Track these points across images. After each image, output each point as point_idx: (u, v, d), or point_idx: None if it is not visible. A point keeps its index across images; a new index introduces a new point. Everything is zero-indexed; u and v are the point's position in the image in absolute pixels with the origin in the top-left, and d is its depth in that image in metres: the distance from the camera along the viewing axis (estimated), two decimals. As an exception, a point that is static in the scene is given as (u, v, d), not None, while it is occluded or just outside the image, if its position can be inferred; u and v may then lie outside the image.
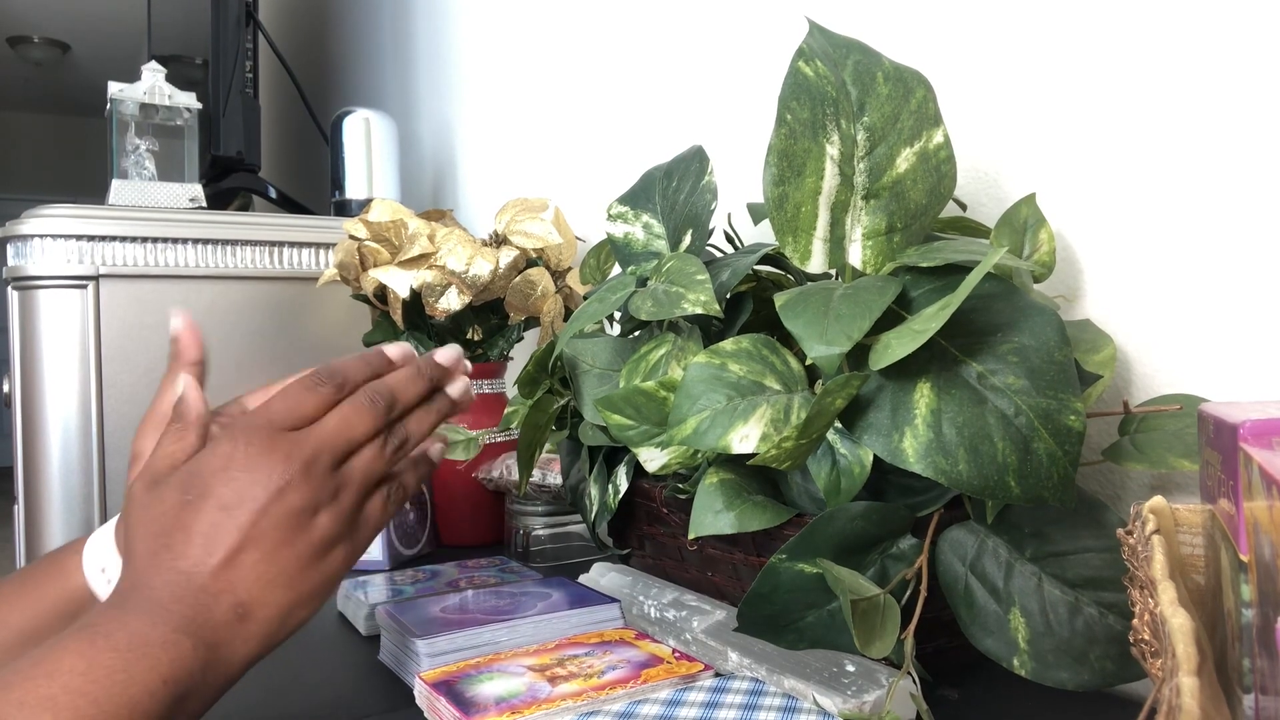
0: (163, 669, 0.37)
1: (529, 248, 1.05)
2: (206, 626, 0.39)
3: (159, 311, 1.27)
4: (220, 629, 0.40)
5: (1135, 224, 0.61)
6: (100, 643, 0.37)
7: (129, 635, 0.37)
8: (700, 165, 0.67)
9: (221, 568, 0.41)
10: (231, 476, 0.42)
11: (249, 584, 0.41)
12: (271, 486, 0.42)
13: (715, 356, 0.53)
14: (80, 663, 0.36)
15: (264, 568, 0.41)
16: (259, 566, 0.41)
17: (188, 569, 0.40)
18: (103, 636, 0.37)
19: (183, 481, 0.42)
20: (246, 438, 0.43)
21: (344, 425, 0.45)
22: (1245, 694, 0.30)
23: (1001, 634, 0.49)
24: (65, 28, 4.40)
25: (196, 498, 0.42)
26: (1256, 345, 0.54)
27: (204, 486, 0.42)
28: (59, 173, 5.86)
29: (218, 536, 0.41)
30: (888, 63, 0.55)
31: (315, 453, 0.43)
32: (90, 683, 0.35)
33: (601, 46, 1.20)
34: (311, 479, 0.43)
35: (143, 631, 0.38)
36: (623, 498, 0.70)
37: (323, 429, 0.44)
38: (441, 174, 1.70)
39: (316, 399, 0.45)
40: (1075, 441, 0.45)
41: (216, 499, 0.41)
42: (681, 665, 0.54)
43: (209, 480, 0.42)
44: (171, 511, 0.42)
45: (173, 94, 1.42)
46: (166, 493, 0.43)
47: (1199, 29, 0.57)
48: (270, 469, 0.42)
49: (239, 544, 0.41)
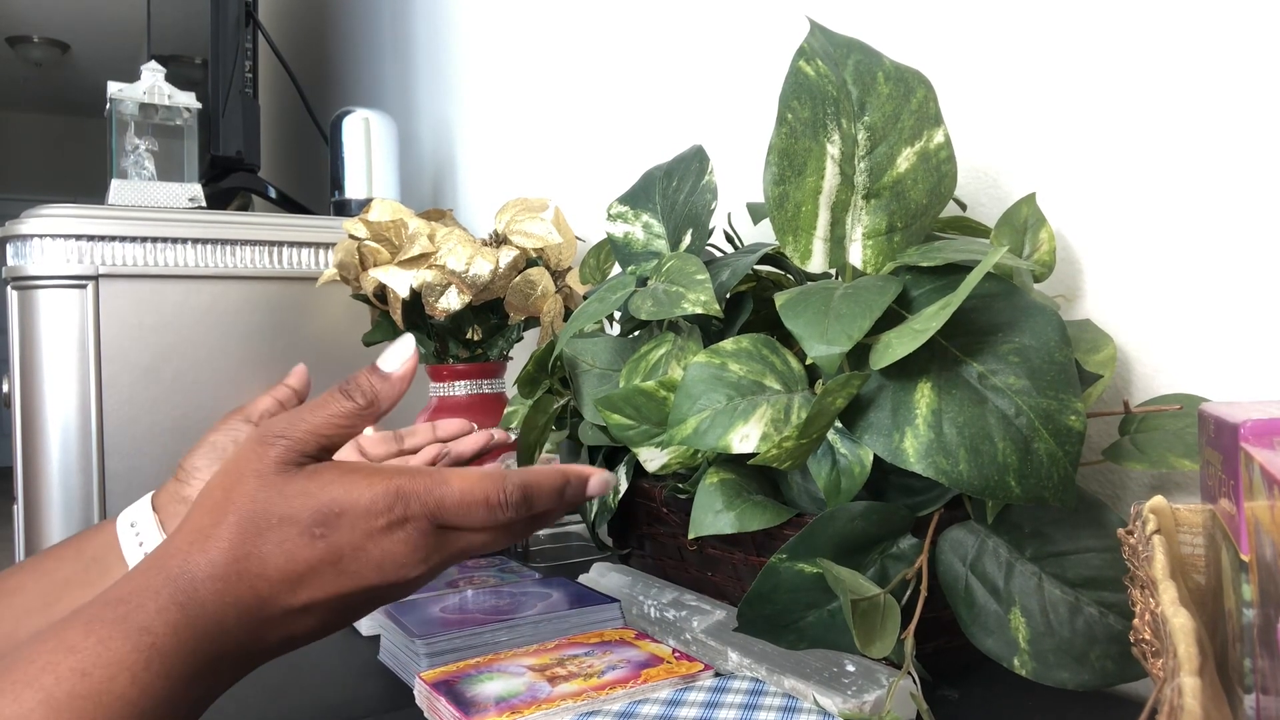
0: (198, 691, 0.37)
1: (529, 247, 1.05)
2: (253, 652, 0.39)
3: (159, 311, 1.27)
4: (262, 655, 0.40)
5: (1135, 224, 0.61)
6: (156, 666, 0.35)
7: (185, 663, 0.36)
8: (700, 165, 0.67)
9: (297, 611, 0.39)
10: (362, 545, 0.39)
11: (308, 627, 0.40)
12: (391, 578, 0.39)
13: (715, 356, 0.53)
14: (132, 689, 0.34)
15: (329, 621, 0.40)
16: (329, 617, 0.40)
17: (268, 597, 0.38)
18: (159, 659, 0.35)
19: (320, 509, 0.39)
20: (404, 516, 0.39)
21: (492, 545, 0.42)
22: (1246, 694, 0.30)
23: (1002, 634, 0.49)
24: (65, 28, 4.40)
25: (320, 539, 0.39)
26: (1256, 345, 0.54)
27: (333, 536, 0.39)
28: (59, 173, 5.86)
29: (311, 583, 0.38)
30: (888, 62, 0.55)
31: (449, 562, 0.41)
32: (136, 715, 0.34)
33: (601, 46, 1.20)
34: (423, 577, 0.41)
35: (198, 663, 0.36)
36: (623, 498, 0.70)
37: (471, 544, 0.41)
38: (441, 174, 1.70)
39: (490, 520, 0.41)
40: (1076, 441, 0.45)
41: (337, 552, 0.39)
42: (681, 665, 0.54)
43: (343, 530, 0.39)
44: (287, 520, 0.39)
45: (172, 94, 1.42)
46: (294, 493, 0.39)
47: (1199, 29, 0.57)
48: (403, 565, 0.39)
49: (325, 601, 0.39)
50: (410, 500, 0.39)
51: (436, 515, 0.40)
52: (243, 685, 0.41)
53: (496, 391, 1.11)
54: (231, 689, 0.40)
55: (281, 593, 0.38)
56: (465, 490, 0.40)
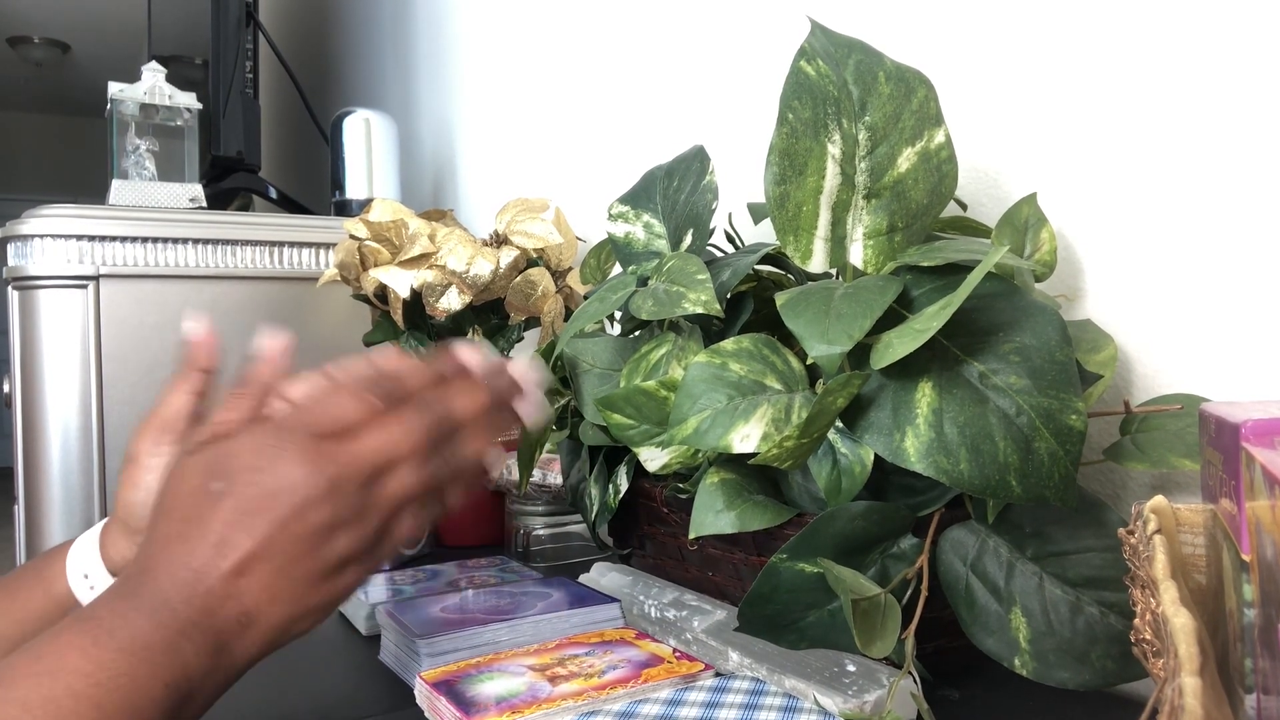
0: (165, 674, 0.37)
1: (529, 248, 1.05)
2: (210, 631, 0.39)
3: (159, 311, 1.27)
4: (223, 634, 0.39)
5: (1136, 224, 0.61)
6: (105, 641, 0.36)
7: (132, 635, 0.37)
8: (701, 165, 0.67)
9: (232, 574, 0.39)
10: (257, 479, 0.40)
11: (256, 594, 0.40)
12: (295, 500, 0.40)
13: (716, 356, 0.53)
14: (85, 663, 0.35)
15: (273, 580, 0.40)
16: (269, 579, 0.40)
17: (198, 567, 0.39)
18: (106, 634, 0.37)
19: (210, 465, 0.41)
20: (280, 438, 0.41)
21: (386, 444, 0.42)
22: (1247, 694, 0.30)
23: (1003, 634, 0.49)
24: (65, 28, 4.40)
25: (220, 491, 0.40)
26: (1256, 345, 0.54)
27: (229, 480, 0.40)
28: (59, 173, 5.86)
29: (232, 540, 0.39)
30: (889, 62, 0.55)
31: (347, 470, 0.41)
32: (93, 686, 0.35)
33: (602, 46, 1.20)
34: (338, 498, 0.40)
35: (147, 633, 0.37)
36: (623, 498, 0.70)
37: (362, 446, 0.41)
38: (441, 174, 1.70)
39: (364, 408, 0.42)
40: (1076, 441, 0.45)
41: (237, 499, 0.40)
42: (682, 665, 0.54)
43: (235, 475, 0.40)
44: (194, 495, 0.41)
45: (173, 94, 1.42)
46: (195, 470, 0.41)
47: (1199, 29, 0.57)
48: (297, 481, 0.40)
49: (252, 553, 0.39)
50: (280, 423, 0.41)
51: (311, 425, 0.41)
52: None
53: (497, 391, 1.11)
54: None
55: (210, 559, 0.39)
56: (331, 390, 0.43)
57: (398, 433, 0.42)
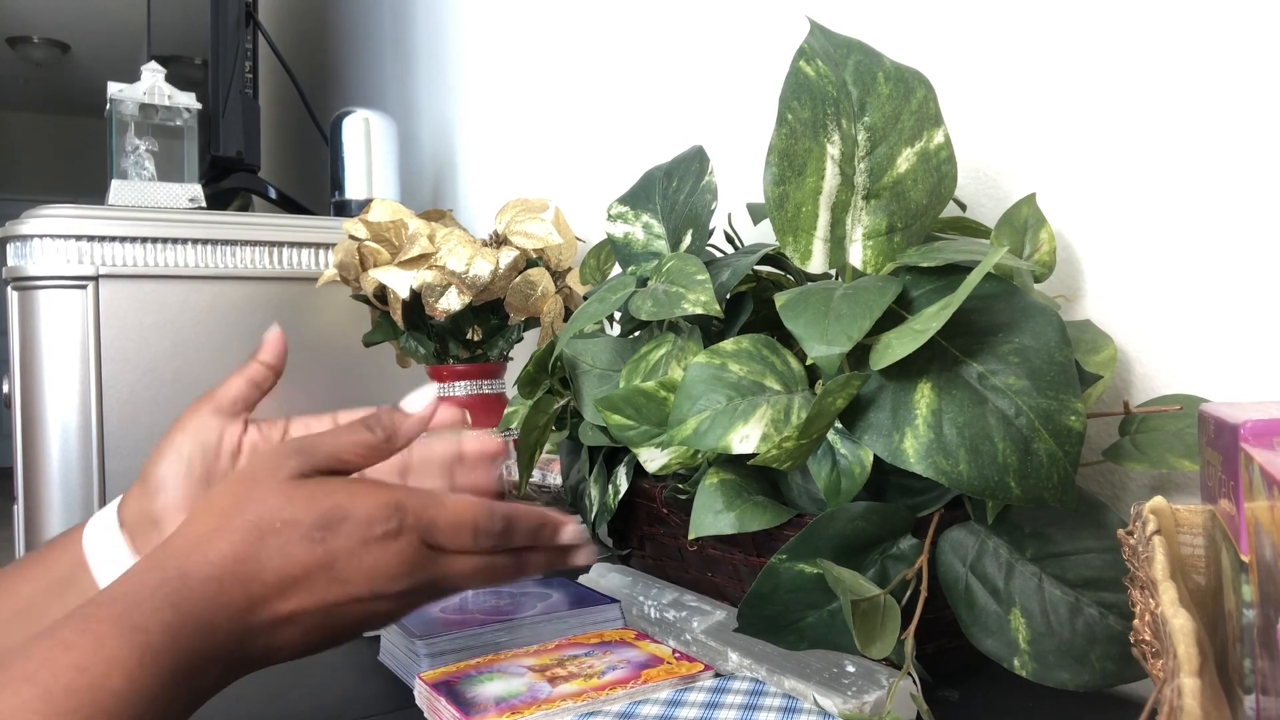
0: (185, 695, 0.37)
1: (529, 248, 1.05)
2: (237, 658, 0.39)
3: (159, 311, 1.27)
4: (246, 664, 0.40)
5: (1135, 224, 0.61)
6: (149, 663, 0.36)
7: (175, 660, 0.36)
8: (700, 165, 0.67)
9: (283, 620, 0.40)
10: (356, 551, 0.40)
11: (291, 640, 0.40)
12: (377, 590, 0.41)
13: (715, 357, 0.53)
14: (125, 686, 0.35)
15: (311, 635, 0.41)
16: (308, 634, 0.41)
17: (257, 599, 0.39)
18: (152, 657, 0.36)
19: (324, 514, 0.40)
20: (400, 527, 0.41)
21: (470, 579, 0.44)
22: (1246, 695, 0.30)
23: (1002, 634, 0.49)
24: (65, 28, 4.40)
25: (319, 543, 0.40)
26: (1256, 345, 0.54)
27: (331, 540, 0.40)
28: (59, 173, 5.86)
29: (302, 589, 0.40)
30: (889, 62, 0.55)
31: (430, 581, 0.42)
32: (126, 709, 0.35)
33: (602, 46, 1.20)
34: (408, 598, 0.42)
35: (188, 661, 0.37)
36: (623, 498, 0.70)
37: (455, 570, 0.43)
38: (441, 174, 1.70)
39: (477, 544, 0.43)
40: (1076, 442, 0.45)
41: (331, 559, 0.40)
42: (681, 665, 0.54)
43: (340, 535, 0.40)
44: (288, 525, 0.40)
45: (172, 94, 1.42)
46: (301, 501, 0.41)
47: (1199, 29, 0.57)
48: (389, 577, 0.41)
49: (310, 611, 0.40)
50: (407, 513, 0.42)
51: (429, 531, 0.42)
52: (243, 685, 0.41)
53: (496, 392, 1.11)
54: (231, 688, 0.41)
55: (272, 597, 0.39)
56: (457, 510, 0.43)
57: (484, 576, 0.45)
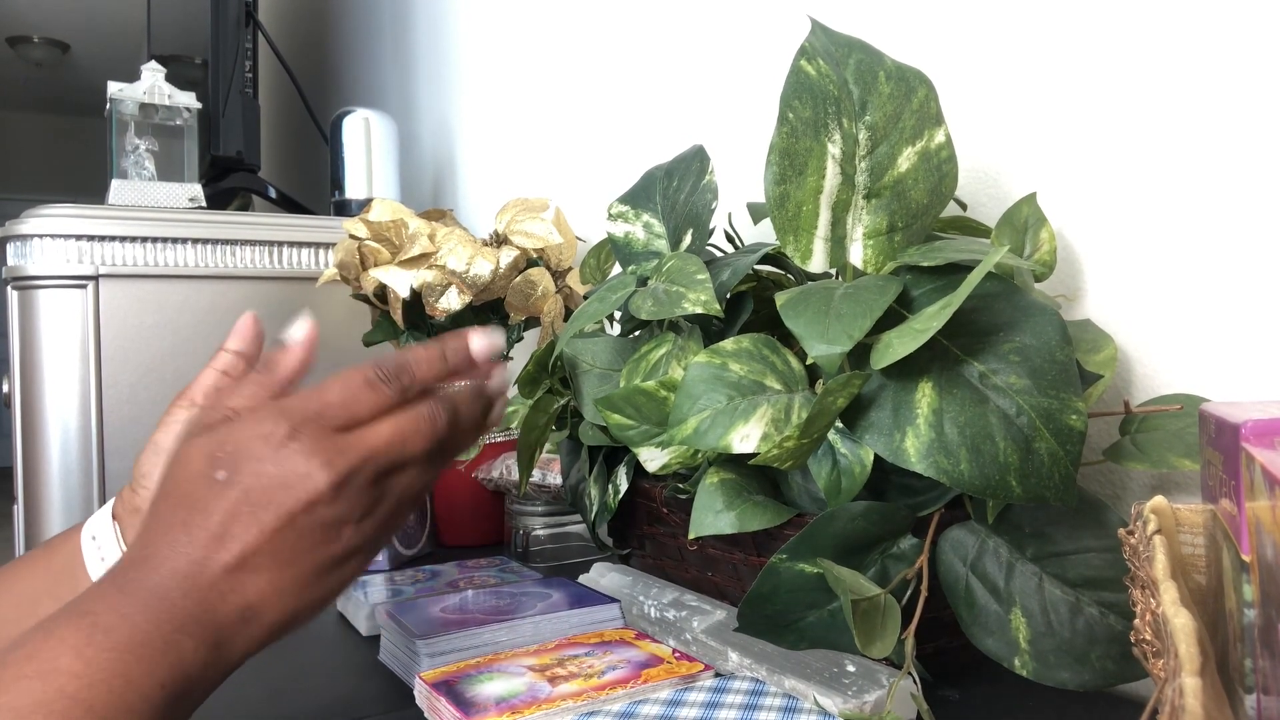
0: (161, 672, 0.36)
1: (529, 248, 1.05)
2: (210, 626, 0.38)
3: (159, 311, 1.27)
4: (224, 629, 0.38)
5: (1136, 224, 0.61)
6: (99, 639, 0.35)
7: (129, 632, 0.36)
8: (701, 165, 0.67)
9: (235, 567, 0.38)
10: (265, 470, 0.39)
11: (260, 588, 0.39)
12: (304, 495, 0.39)
13: (716, 356, 0.53)
14: (77, 663, 0.34)
15: (278, 575, 0.39)
16: (273, 573, 0.39)
17: (199, 558, 0.38)
18: (101, 632, 0.35)
19: (215, 451, 0.40)
20: (292, 427, 0.39)
21: (399, 439, 0.41)
22: (1247, 694, 0.30)
23: (1002, 634, 0.49)
24: (65, 28, 4.40)
25: (225, 479, 0.39)
26: (1256, 345, 0.54)
27: (234, 468, 0.39)
28: (59, 173, 5.86)
29: (236, 532, 0.38)
30: (890, 62, 0.55)
31: (360, 465, 0.40)
32: (86, 687, 0.34)
33: (602, 46, 1.20)
34: (348, 494, 0.40)
35: (143, 629, 0.36)
36: (623, 498, 0.69)
37: (375, 439, 0.40)
38: (441, 174, 1.70)
39: (376, 399, 0.41)
40: (1077, 441, 0.45)
41: (244, 490, 0.39)
42: (682, 665, 0.54)
43: (241, 464, 0.39)
44: (196, 481, 0.39)
45: (172, 94, 1.42)
46: (198, 455, 0.40)
47: (1198, 29, 0.57)
48: (307, 474, 0.39)
49: (256, 546, 0.39)
50: (291, 412, 0.40)
51: (323, 415, 0.40)
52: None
53: (497, 391, 1.11)
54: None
55: (211, 550, 0.38)
56: (342, 378, 0.41)
57: (410, 430, 0.42)
